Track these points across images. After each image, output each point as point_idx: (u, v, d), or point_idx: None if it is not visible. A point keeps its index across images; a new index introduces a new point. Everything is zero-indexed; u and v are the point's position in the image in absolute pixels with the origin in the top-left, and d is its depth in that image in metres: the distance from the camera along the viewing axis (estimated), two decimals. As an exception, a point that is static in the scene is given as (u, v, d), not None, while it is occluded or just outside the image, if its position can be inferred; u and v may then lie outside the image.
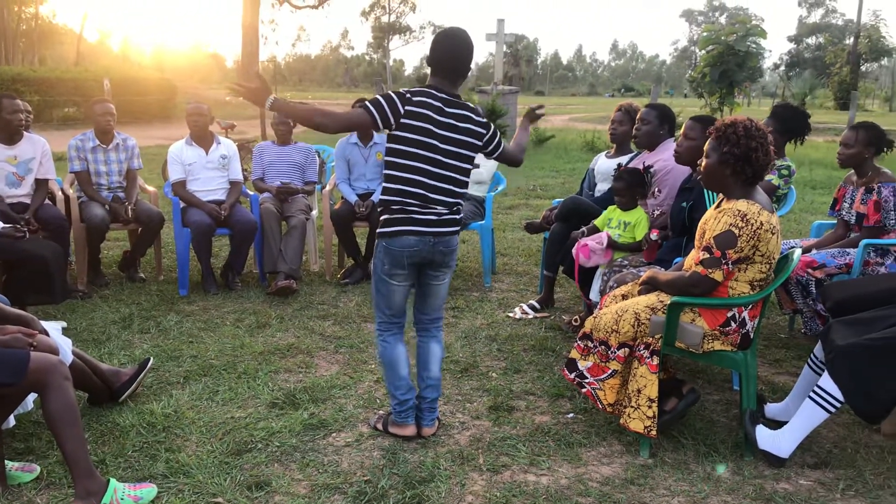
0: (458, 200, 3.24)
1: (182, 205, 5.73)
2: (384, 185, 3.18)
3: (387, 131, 3.14)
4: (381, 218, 3.19)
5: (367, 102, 3.10)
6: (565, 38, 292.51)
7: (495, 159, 3.47)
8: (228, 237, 5.80)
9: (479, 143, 3.26)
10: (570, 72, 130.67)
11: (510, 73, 70.81)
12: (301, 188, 6.14)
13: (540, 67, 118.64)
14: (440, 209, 3.17)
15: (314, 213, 6.29)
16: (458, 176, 3.20)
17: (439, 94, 3.14)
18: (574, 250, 4.54)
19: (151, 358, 3.91)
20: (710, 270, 3.11)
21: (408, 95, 3.10)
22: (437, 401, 3.46)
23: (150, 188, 6.32)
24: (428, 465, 3.13)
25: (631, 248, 4.47)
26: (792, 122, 4.78)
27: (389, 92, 3.11)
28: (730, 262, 3.08)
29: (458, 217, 3.26)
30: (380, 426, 3.43)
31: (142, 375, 3.75)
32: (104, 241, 5.89)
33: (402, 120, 3.07)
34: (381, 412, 3.54)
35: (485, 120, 3.30)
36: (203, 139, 5.82)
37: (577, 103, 54.64)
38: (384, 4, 63.73)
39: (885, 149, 4.44)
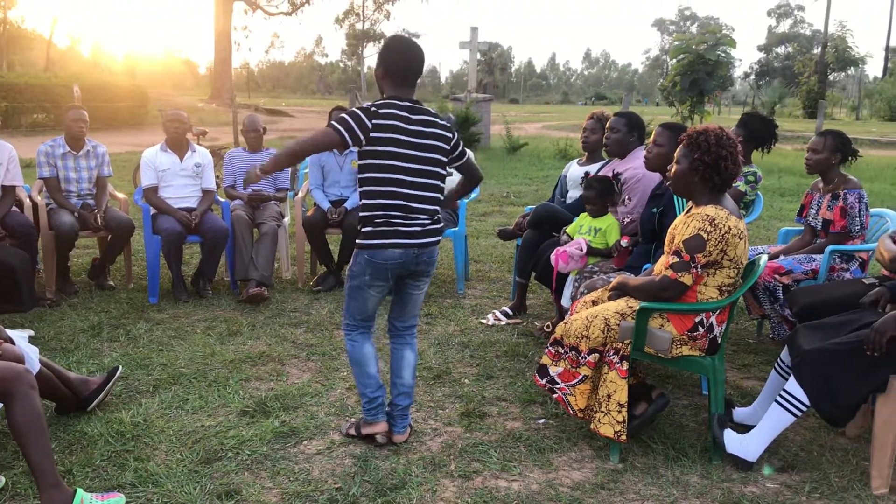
0: (437, 208, 3.24)
1: (152, 212, 5.68)
2: (363, 200, 3.16)
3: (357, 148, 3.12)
4: (364, 230, 3.15)
5: (333, 122, 3.07)
6: (539, 46, 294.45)
7: (457, 168, 3.44)
8: (199, 244, 5.76)
9: (448, 148, 3.26)
10: (543, 80, 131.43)
11: (484, 80, 71.10)
12: (273, 195, 6.12)
13: (514, 75, 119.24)
14: (423, 219, 3.17)
15: (286, 219, 6.27)
16: (435, 182, 3.20)
17: (403, 104, 3.13)
18: (552, 256, 4.57)
19: (120, 366, 3.87)
20: (679, 274, 3.14)
21: (373, 109, 3.07)
22: (410, 408, 3.45)
23: (121, 195, 6.26)
24: (399, 472, 3.13)
25: (603, 253, 4.50)
26: (760, 131, 4.88)
27: (354, 109, 3.10)
28: (699, 266, 3.12)
29: (439, 226, 3.27)
30: (352, 432, 3.42)
31: (110, 384, 3.71)
32: (73, 249, 5.82)
33: (372, 134, 3.05)
34: (352, 420, 3.53)
35: (448, 124, 3.30)
36: (178, 146, 5.78)
37: (550, 111, 54.97)
38: (358, 12, 63.63)
39: (851, 157, 4.52)
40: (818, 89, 47.72)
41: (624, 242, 4.39)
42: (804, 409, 3.10)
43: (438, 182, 3.23)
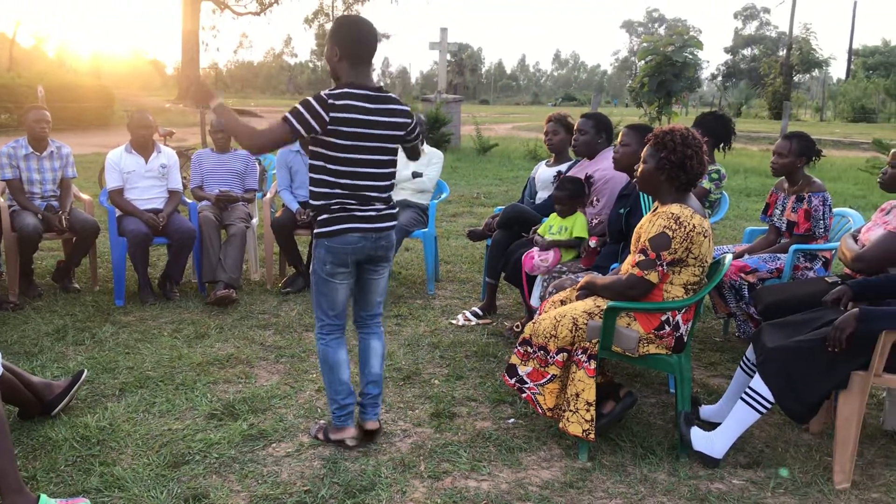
0: (391, 193, 3.26)
1: (118, 213, 5.61)
2: (316, 188, 3.13)
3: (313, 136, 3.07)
4: (321, 218, 3.14)
5: (287, 114, 3.01)
6: (509, 47, 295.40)
7: (407, 146, 3.42)
8: (166, 246, 5.70)
9: (404, 133, 3.24)
10: (513, 81, 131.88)
11: (455, 81, 71.17)
12: (241, 196, 6.07)
13: (484, 76, 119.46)
14: (378, 204, 3.19)
15: (254, 221, 6.23)
16: (388, 169, 3.20)
17: (361, 92, 3.07)
18: (524, 258, 4.59)
19: (86, 370, 3.81)
20: (645, 272, 3.18)
21: (329, 100, 3.00)
22: (380, 397, 3.46)
23: (85, 196, 6.17)
24: (369, 473, 3.12)
25: (570, 244, 4.52)
26: (717, 129, 4.96)
27: (308, 98, 3.03)
28: (664, 264, 3.15)
29: (394, 211, 3.29)
30: (321, 436, 3.40)
31: (75, 388, 3.66)
32: (37, 251, 5.73)
33: (329, 126, 3.01)
34: (321, 422, 3.51)
35: (408, 108, 3.27)
36: (144, 147, 5.70)
37: (520, 112, 55.19)
38: (328, 12, 63.37)
39: (816, 158, 4.59)
40: (783, 91, 48.44)
41: (592, 243, 4.43)
42: (769, 406, 3.15)
43: (392, 169, 3.23)
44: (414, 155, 3.58)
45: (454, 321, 5.21)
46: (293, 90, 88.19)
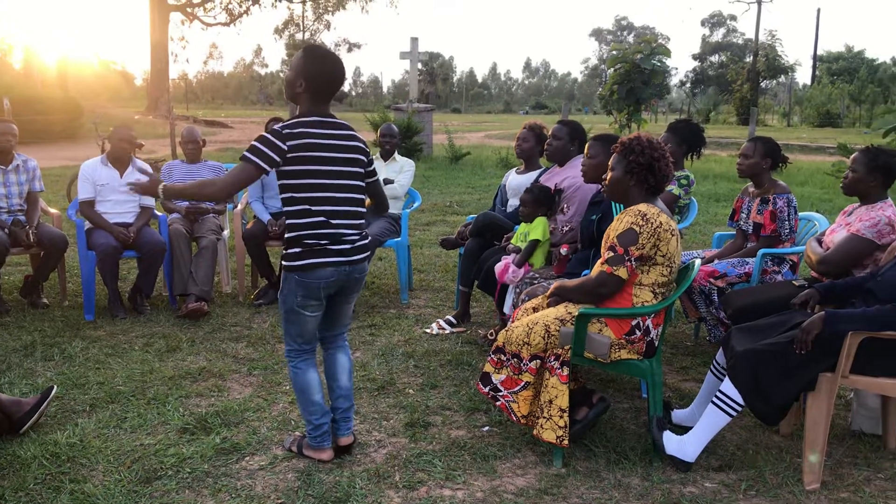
0: (363, 221, 3.23)
1: (87, 227, 5.55)
2: (290, 221, 3.08)
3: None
4: (293, 251, 3.08)
5: (245, 153, 2.98)
6: (480, 56, 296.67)
7: (367, 185, 3.35)
8: (136, 259, 5.64)
9: (365, 161, 3.23)
10: (485, 89, 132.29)
11: (426, 90, 71.28)
12: (212, 208, 6.03)
13: (456, 85, 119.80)
14: (352, 235, 3.14)
15: (225, 233, 6.19)
16: (358, 196, 3.18)
17: (317, 119, 3.07)
18: (497, 267, 4.61)
19: (55, 386, 3.77)
20: (614, 268, 3.21)
21: (285, 131, 2.99)
22: (352, 410, 3.44)
23: (53, 210, 6.10)
24: (343, 484, 3.11)
25: (530, 249, 4.54)
26: (689, 136, 5.02)
27: (264, 134, 3.01)
28: (633, 259, 3.19)
29: (367, 241, 3.25)
30: (294, 448, 3.38)
31: (45, 405, 3.60)
32: (4, 266, 5.65)
33: (290, 155, 2.98)
34: (296, 434, 3.50)
35: (364, 143, 3.27)
36: (121, 162, 5.65)
37: (492, 120, 55.37)
38: (298, 22, 63.18)
39: (781, 163, 4.66)
40: (750, 96, 49.11)
41: (563, 250, 4.46)
42: (739, 408, 3.19)
43: (361, 196, 3.21)
44: (381, 202, 3.56)
45: (428, 330, 5.21)
46: (264, 100, 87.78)
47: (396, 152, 6.37)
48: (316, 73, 3.06)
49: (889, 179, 3.85)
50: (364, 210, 3.23)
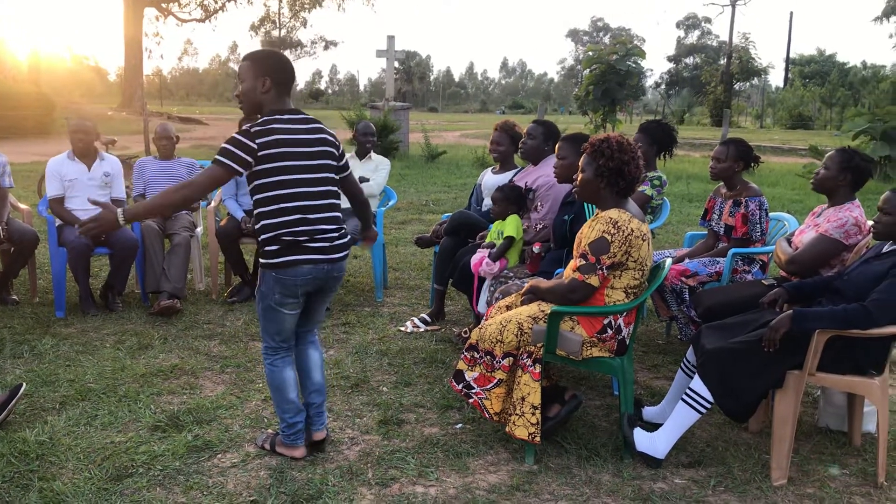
0: (340, 216, 3.21)
1: (58, 223, 5.49)
2: (263, 221, 3.05)
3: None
4: (270, 248, 3.05)
5: (217, 156, 2.95)
6: (457, 55, 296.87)
7: (340, 181, 3.35)
8: (108, 256, 5.59)
9: (337, 153, 3.21)
10: (462, 89, 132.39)
11: (403, 89, 71.22)
12: (185, 205, 5.98)
13: (433, 84, 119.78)
14: (330, 233, 3.12)
15: (199, 229, 6.15)
16: (332, 189, 3.17)
17: (286, 117, 3.05)
18: (474, 260, 4.61)
19: (24, 384, 3.73)
20: (586, 276, 3.24)
21: (254, 130, 2.96)
22: (324, 404, 3.43)
23: (24, 206, 6.02)
24: (316, 482, 3.11)
25: (504, 245, 4.56)
26: (660, 137, 5.06)
27: (235, 135, 2.97)
28: (604, 268, 3.22)
29: (346, 239, 3.22)
30: (267, 446, 3.37)
31: (13, 402, 3.57)
32: (-28, 263, 5.58)
33: (260, 153, 2.95)
34: (268, 431, 3.49)
35: (334, 133, 3.25)
36: (86, 155, 5.59)
37: (468, 119, 55.43)
38: (274, 19, 62.84)
39: (753, 163, 4.72)
40: (724, 98, 49.64)
41: (536, 249, 4.49)
42: (708, 406, 3.23)
43: (335, 189, 3.19)
44: (358, 198, 3.51)
45: (402, 328, 5.22)
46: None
47: (372, 151, 6.36)
48: (277, 68, 3.06)
49: (858, 181, 3.91)
50: (340, 205, 3.21)
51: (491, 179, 5.51)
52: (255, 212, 3.08)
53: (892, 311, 3.09)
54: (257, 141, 2.95)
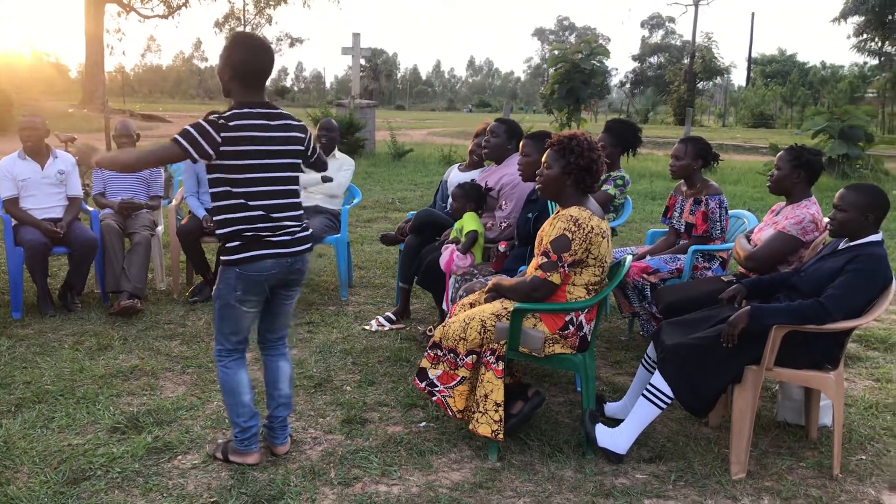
0: (302, 212, 3.17)
1: (14, 222, 5.37)
2: (224, 215, 3.00)
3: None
4: (231, 244, 2.99)
5: (177, 136, 2.88)
6: (424, 53, 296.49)
7: (310, 165, 3.37)
8: (67, 256, 5.49)
9: (303, 148, 3.17)
10: (429, 87, 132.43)
11: (370, 86, 70.95)
12: (145, 203, 5.91)
13: (400, 82, 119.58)
14: (292, 226, 3.08)
15: (160, 228, 6.07)
16: (295, 187, 3.13)
17: (257, 110, 2.99)
18: (443, 256, 4.60)
19: (-23, 386, 3.65)
20: (548, 274, 3.25)
21: (221, 121, 2.89)
22: (289, 418, 3.40)
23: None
24: (278, 482, 3.09)
25: (469, 241, 4.56)
26: (625, 136, 5.11)
27: (201, 121, 2.91)
28: (566, 265, 3.23)
29: (309, 232, 3.19)
30: (219, 455, 3.27)
31: (-34, 406, 3.49)
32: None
33: (223, 148, 2.89)
34: (220, 440, 3.40)
35: (302, 122, 3.20)
36: (38, 153, 5.47)
37: (436, 118, 55.44)
38: (239, 16, 62.22)
39: (713, 161, 4.78)
40: (687, 97, 50.18)
41: (501, 247, 4.50)
42: (669, 401, 3.26)
43: (298, 186, 3.15)
44: (319, 166, 3.49)
45: (367, 327, 5.20)
46: (203, 94, 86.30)
47: (336, 149, 6.33)
48: (242, 61, 2.98)
49: (812, 176, 3.98)
50: (301, 200, 3.18)
51: (457, 177, 5.51)
52: (215, 205, 3.02)
53: (846, 306, 3.16)
54: (222, 134, 2.89)
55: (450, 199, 5.47)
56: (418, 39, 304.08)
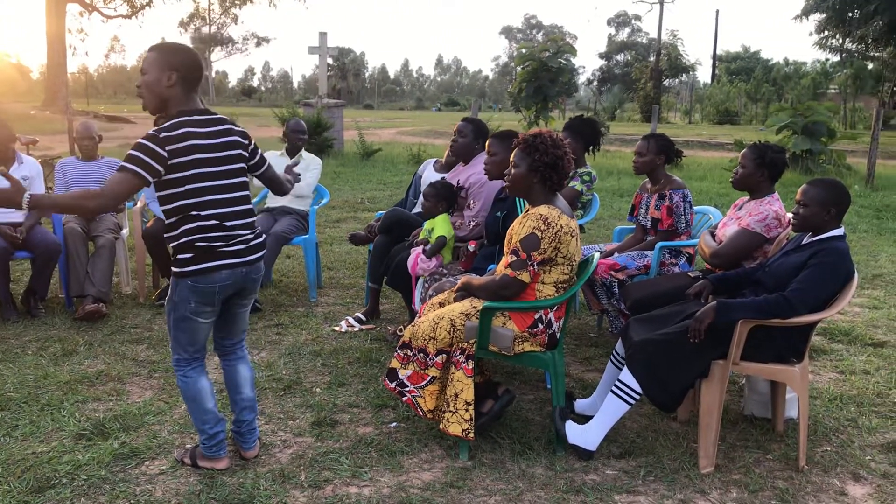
0: (255, 219, 3.12)
1: (-27, 228, 5.26)
2: (178, 228, 2.92)
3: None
4: (183, 256, 2.93)
5: (125, 164, 2.76)
6: (392, 52, 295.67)
7: (259, 177, 3.29)
8: (30, 261, 5.39)
9: (247, 155, 3.11)
10: (397, 86, 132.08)
11: (338, 86, 70.63)
12: (110, 206, 5.81)
13: (368, 81, 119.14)
14: (245, 234, 3.03)
15: (124, 231, 5.98)
16: (245, 193, 3.06)
17: (195, 118, 2.92)
18: (410, 259, 4.59)
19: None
20: (517, 272, 3.26)
21: (163, 135, 2.80)
22: (256, 421, 3.36)
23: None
24: (247, 486, 3.06)
25: (436, 246, 4.56)
26: (586, 133, 5.14)
27: (140, 141, 2.79)
28: (535, 264, 3.25)
29: (262, 239, 3.13)
30: (187, 460, 3.23)
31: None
32: None
33: (171, 162, 2.81)
34: (188, 445, 3.37)
35: (242, 128, 3.14)
36: (3, 159, 5.37)
37: (404, 117, 55.31)
38: (204, 15, 61.70)
39: (675, 157, 4.82)
40: (654, 95, 50.59)
41: (471, 247, 4.50)
42: (637, 397, 3.29)
43: (247, 192, 3.09)
44: (280, 187, 3.42)
45: (337, 328, 5.18)
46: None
47: (304, 149, 6.29)
48: (187, 63, 2.92)
49: (776, 174, 4.03)
50: (252, 207, 3.13)
51: (432, 175, 5.49)
52: (168, 221, 2.94)
53: (810, 300, 3.20)
54: (167, 148, 2.80)
55: (421, 198, 5.47)
56: (386, 38, 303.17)
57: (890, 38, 31.04)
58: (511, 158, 3.45)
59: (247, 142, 3.12)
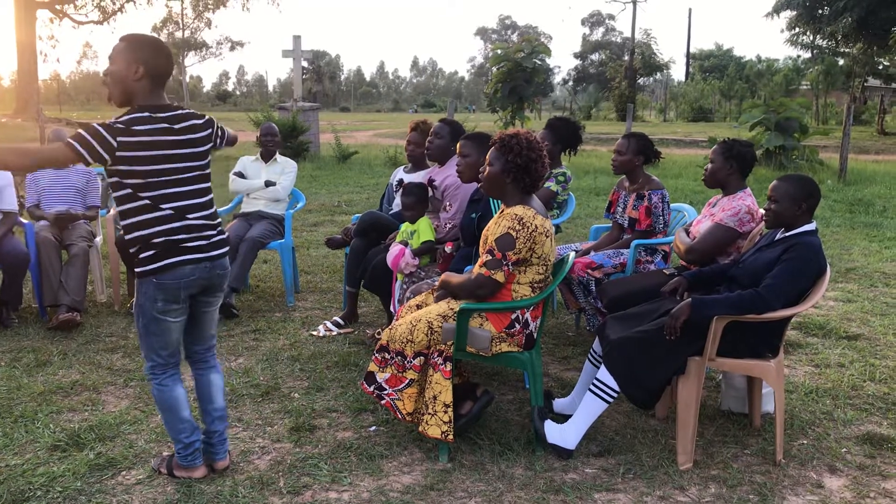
0: (216, 213, 3.08)
1: (-56, 238, 5.18)
2: (137, 226, 2.86)
3: (107, 166, 2.80)
4: (146, 254, 2.88)
5: (69, 139, 2.72)
6: (367, 54, 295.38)
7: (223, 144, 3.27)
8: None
9: (212, 144, 3.08)
10: (373, 88, 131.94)
11: (314, 89, 70.41)
12: (82, 214, 5.75)
13: (344, 84, 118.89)
14: (207, 231, 2.99)
15: (98, 239, 5.92)
16: (206, 186, 3.02)
17: (161, 115, 2.85)
18: (389, 256, 4.57)
19: None
20: (492, 272, 3.26)
21: (118, 126, 2.74)
22: (227, 431, 3.30)
23: None
24: (226, 494, 3.04)
25: (423, 249, 4.56)
26: (566, 134, 5.15)
27: (96, 126, 2.74)
28: (510, 264, 3.25)
29: (225, 236, 3.10)
30: (163, 469, 3.19)
31: None
32: None
33: (119, 153, 2.74)
34: (163, 454, 3.33)
35: (205, 117, 3.07)
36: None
37: (381, 119, 55.27)
38: (177, 20, 61.21)
39: (654, 158, 4.84)
40: (629, 93, 50.88)
41: (448, 248, 4.50)
42: (615, 395, 3.30)
43: (208, 186, 3.04)
44: (229, 141, 3.34)
45: (315, 332, 5.15)
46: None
47: (278, 153, 6.26)
48: (153, 56, 2.86)
49: (745, 168, 4.07)
50: (213, 202, 3.08)
51: (407, 178, 5.48)
52: (121, 211, 2.88)
53: (784, 295, 3.23)
54: (118, 139, 2.74)
55: (395, 202, 5.46)
56: (361, 41, 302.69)
57: (859, 35, 31.40)
58: (487, 157, 3.45)
59: (210, 130, 3.05)
